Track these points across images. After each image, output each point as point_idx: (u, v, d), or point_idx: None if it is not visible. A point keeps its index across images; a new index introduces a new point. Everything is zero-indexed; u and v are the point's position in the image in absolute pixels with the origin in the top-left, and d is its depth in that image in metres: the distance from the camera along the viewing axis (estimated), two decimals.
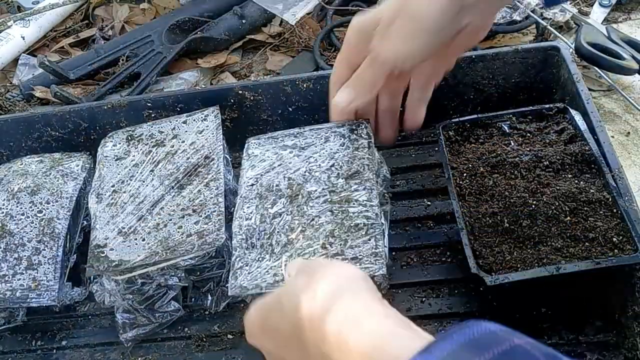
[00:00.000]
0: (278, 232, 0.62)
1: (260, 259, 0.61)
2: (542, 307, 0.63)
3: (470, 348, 0.32)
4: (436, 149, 0.79)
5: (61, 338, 0.72)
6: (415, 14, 0.54)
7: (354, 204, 0.61)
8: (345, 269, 0.45)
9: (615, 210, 0.60)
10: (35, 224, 0.72)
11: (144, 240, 0.67)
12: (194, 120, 0.78)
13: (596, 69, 0.94)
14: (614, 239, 0.58)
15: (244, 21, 1.17)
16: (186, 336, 0.69)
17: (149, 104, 0.83)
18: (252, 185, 0.67)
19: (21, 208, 0.74)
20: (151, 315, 0.67)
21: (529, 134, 0.70)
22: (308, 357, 0.42)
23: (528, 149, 0.68)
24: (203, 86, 1.09)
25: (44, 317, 0.73)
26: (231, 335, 0.68)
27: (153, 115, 0.83)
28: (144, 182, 0.72)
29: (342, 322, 0.39)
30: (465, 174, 0.67)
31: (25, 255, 0.70)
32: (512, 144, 0.69)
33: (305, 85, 0.81)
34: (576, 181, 0.64)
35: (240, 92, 0.82)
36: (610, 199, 0.61)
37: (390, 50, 0.57)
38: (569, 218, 0.61)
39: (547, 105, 0.72)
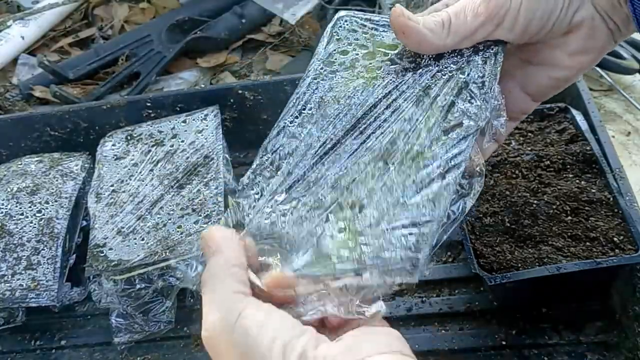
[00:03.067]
0: (320, 171, 0.43)
1: (272, 192, 0.43)
2: (543, 307, 0.63)
3: None
4: None
5: (60, 338, 0.72)
6: None
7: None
8: None
9: (616, 210, 0.60)
10: (35, 224, 0.72)
11: (143, 239, 0.66)
12: (194, 119, 0.77)
13: (597, 68, 0.94)
14: (615, 239, 0.58)
15: (243, 21, 1.17)
16: (185, 335, 0.69)
17: (149, 104, 0.83)
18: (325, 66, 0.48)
19: (20, 208, 0.74)
20: (144, 322, 0.67)
21: (530, 134, 0.70)
22: None
23: (529, 149, 0.68)
24: (203, 86, 1.09)
25: (43, 317, 0.73)
26: None
27: (152, 114, 0.83)
28: (143, 181, 0.72)
29: None
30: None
31: (24, 255, 0.70)
32: (513, 143, 0.69)
33: None
34: (577, 181, 0.63)
35: (240, 92, 0.82)
36: (611, 199, 0.61)
37: None
38: (569, 217, 0.60)
39: (548, 105, 0.71)
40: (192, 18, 1.19)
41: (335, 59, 0.48)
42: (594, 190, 0.62)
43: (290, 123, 0.46)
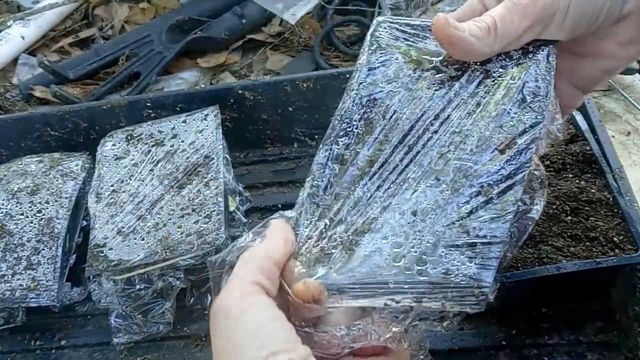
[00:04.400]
0: (370, 191, 0.41)
1: (323, 218, 0.41)
2: (543, 307, 0.63)
3: None
4: None
5: (60, 338, 0.72)
6: None
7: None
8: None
9: (616, 210, 0.60)
10: (35, 224, 0.72)
11: (143, 239, 0.66)
12: (194, 119, 0.77)
13: None
14: (615, 239, 0.58)
15: (243, 21, 1.17)
16: (185, 336, 0.69)
17: (149, 104, 0.83)
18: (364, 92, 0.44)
19: (21, 208, 0.74)
20: (143, 323, 0.67)
21: None
22: None
23: None
24: (203, 86, 1.09)
25: (43, 317, 0.73)
26: None
27: (152, 115, 0.83)
28: (143, 181, 0.72)
29: None
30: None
31: (24, 255, 0.70)
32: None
33: (305, 85, 0.81)
34: (577, 181, 0.63)
35: (240, 92, 0.82)
36: (611, 199, 0.61)
37: None
38: (569, 217, 0.60)
39: None
40: (192, 18, 1.19)
41: (378, 70, 0.45)
42: (593, 190, 0.62)
43: (338, 145, 0.43)
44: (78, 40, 1.28)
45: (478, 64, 0.44)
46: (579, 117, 0.69)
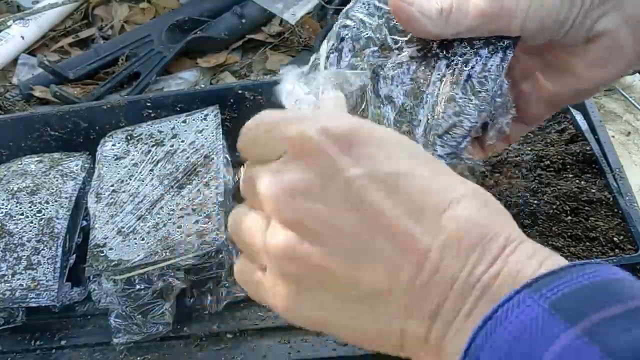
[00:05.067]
0: None
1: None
2: None
3: (595, 294, 0.24)
4: None
5: (60, 338, 0.72)
6: None
7: None
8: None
9: (616, 210, 0.60)
10: (35, 224, 0.72)
11: (143, 239, 0.66)
12: (194, 119, 0.77)
13: None
14: (615, 239, 0.58)
15: (243, 21, 1.17)
16: (185, 335, 0.69)
17: (149, 104, 0.83)
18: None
19: (20, 208, 0.74)
20: (143, 324, 0.67)
21: (530, 134, 0.70)
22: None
23: (529, 149, 0.68)
24: (203, 86, 1.09)
25: (43, 317, 0.73)
26: (230, 335, 0.68)
27: (152, 114, 0.83)
28: (143, 181, 0.72)
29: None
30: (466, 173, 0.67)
31: (24, 255, 0.70)
32: (513, 143, 0.69)
33: None
34: (577, 181, 0.63)
35: (240, 91, 0.82)
36: (611, 199, 0.61)
37: None
38: (569, 217, 0.60)
39: None
40: (192, 18, 1.19)
41: (345, 44, 0.45)
42: (594, 190, 0.62)
43: None
44: (78, 40, 1.28)
45: (441, 48, 0.44)
46: (579, 117, 0.69)
